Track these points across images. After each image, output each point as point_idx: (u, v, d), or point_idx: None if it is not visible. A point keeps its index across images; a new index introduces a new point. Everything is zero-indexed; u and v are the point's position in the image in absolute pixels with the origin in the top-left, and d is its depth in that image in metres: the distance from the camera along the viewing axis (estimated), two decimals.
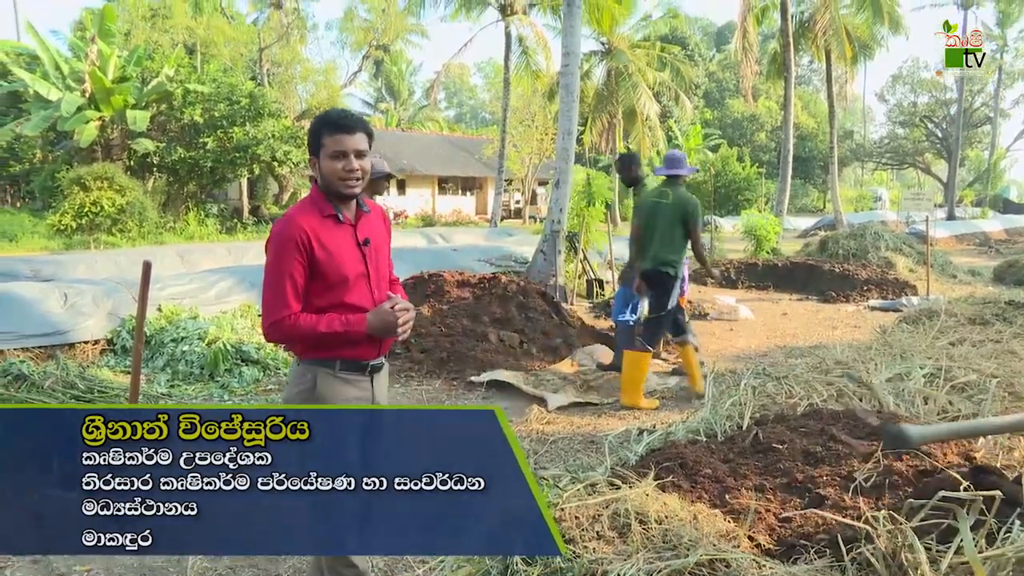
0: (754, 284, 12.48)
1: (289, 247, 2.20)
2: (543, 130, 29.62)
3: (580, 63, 11.17)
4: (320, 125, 2.29)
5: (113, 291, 7.05)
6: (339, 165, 2.25)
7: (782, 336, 8.33)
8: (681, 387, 5.91)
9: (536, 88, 26.03)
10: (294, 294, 2.21)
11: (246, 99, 20.89)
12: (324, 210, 2.30)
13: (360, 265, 2.30)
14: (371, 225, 2.39)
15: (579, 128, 17.17)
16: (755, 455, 3.16)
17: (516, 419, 5.10)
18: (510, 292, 7.88)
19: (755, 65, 22.94)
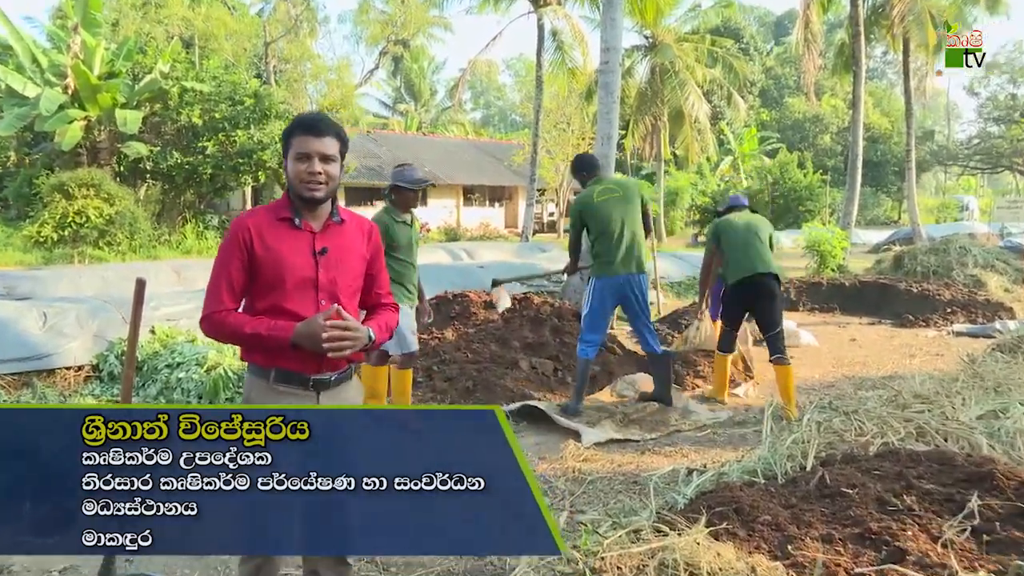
0: (817, 306, 12.34)
1: (231, 244, 2.41)
2: (580, 134, 29.73)
3: (621, 59, 11.23)
4: (291, 127, 2.47)
5: (100, 310, 7.08)
6: (302, 167, 2.41)
7: (850, 365, 8.22)
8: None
9: (572, 87, 26.18)
10: (229, 291, 2.40)
11: (250, 99, 21.10)
12: (280, 212, 2.48)
13: (308, 272, 2.43)
14: (340, 236, 2.53)
15: (620, 132, 17.22)
16: (821, 500, 3.11)
17: (550, 455, 5.09)
18: (543, 314, 7.89)
19: (819, 58, 22.70)
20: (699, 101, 26.17)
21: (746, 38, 44.50)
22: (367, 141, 34.57)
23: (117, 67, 20.77)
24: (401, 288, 5.25)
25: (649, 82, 27.09)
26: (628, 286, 5.82)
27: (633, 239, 5.79)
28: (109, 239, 17.77)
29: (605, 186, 5.91)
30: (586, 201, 5.90)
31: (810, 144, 46.77)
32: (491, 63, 60.91)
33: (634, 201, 5.88)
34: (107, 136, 20.77)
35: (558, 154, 30.36)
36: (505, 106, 72.88)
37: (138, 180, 22.06)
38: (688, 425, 5.84)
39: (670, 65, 25.82)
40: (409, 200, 5.26)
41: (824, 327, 10.73)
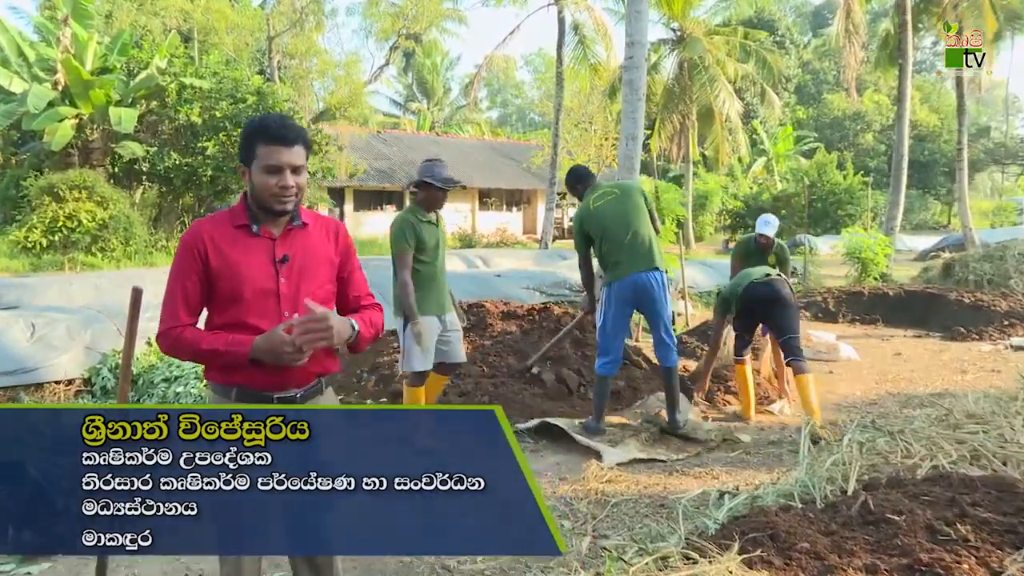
0: (858, 317, 12.25)
1: (186, 256, 2.43)
2: (603, 134, 29.71)
3: (647, 54, 11.22)
4: (254, 134, 2.43)
5: (92, 321, 7.12)
6: (273, 181, 2.40)
7: (895, 381, 8.15)
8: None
9: (595, 84, 26.20)
10: (185, 306, 2.41)
11: (253, 97, 21.16)
12: (237, 220, 2.49)
13: (268, 282, 2.44)
14: (303, 241, 2.53)
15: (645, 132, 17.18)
16: (864, 527, 3.07)
17: (571, 476, 5.08)
18: (564, 326, 7.87)
19: (861, 51, 22.52)
20: (730, 98, 26.11)
21: (781, 30, 44.36)
22: (377, 141, 34.78)
23: (111, 62, 20.76)
24: (429, 295, 5.21)
25: (677, 78, 27.08)
26: (641, 285, 5.69)
27: (639, 235, 5.71)
28: (102, 245, 17.77)
29: (600, 191, 5.89)
30: (583, 212, 5.88)
31: (850, 144, 46.49)
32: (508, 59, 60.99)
33: (633, 198, 5.81)
34: (100, 135, 20.70)
35: (580, 155, 30.30)
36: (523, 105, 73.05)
37: (133, 182, 22.10)
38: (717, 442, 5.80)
39: (699, 60, 25.81)
40: (437, 199, 5.24)
41: (866, 340, 10.64)
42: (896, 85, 20.94)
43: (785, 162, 39.41)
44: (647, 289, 5.71)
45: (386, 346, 7.48)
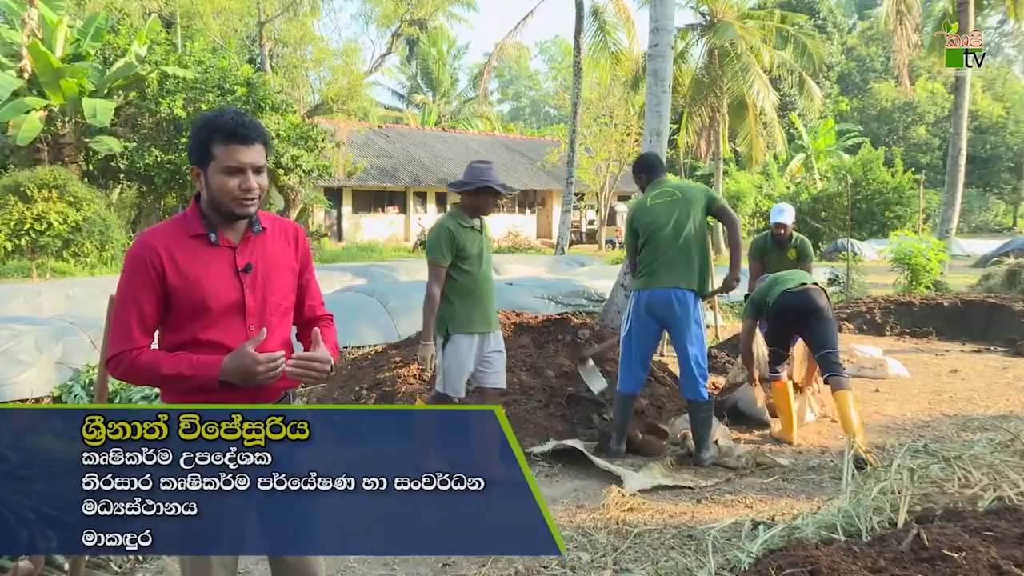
0: (908, 330, 12.15)
1: (138, 272, 2.40)
2: (624, 129, 29.82)
3: (673, 41, 11.21)
4: (209, 132, 2.43)
5: (64, 333, 7.13)
6: (233, 183, 2.41)
7: (951, 400, 8.07)
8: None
9: (616, 75, 26.28)
10: (140, 326, 2.40)
11: (242, 88, 21.35)
12: (191, 228, 2.48)
13: (232, 294, 2.45)
14: (263, 248, 2.54)
15: (671, 127, 17.16)
16: (918, 564, 3.02)
17: (589, 503, 5.05)
18: (582, 338, 7.84)
19: (914, 34, 22.35)
20: (765, 89, 26.08)
21: (823, 13, 44.40)
22: (378, 137, 34.96)
23: (84, 48, 20.70)
24: (474, 309, 5.17)
25: (706, 68, 27.06)
26: (666, 303, 5.64)
27: (687, 249, 5.65)
28: (75, 249, 17.82)
29: (662, 189, 5.85)
30: (638, 206, 5.87)
31: (900, 137, 46.42)
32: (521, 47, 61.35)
33: (695, 205, 5.72)
34: (72, 129, 20.71)
35: (599, 152, 30.45)
36: (537, 97, 73.29)
37: (110, 181, 22.22)
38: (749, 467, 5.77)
39: (731, 47, 25.79)
40: (486, 204, 5.22)
41: (917, 355, 10.56)
42: (954, 71, 20.71)
43: (826, 159, 39.37)
44: (671, 307, 5.66)
45: (387, 361, 7.47)
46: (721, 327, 11.67)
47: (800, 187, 33.79)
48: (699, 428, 5.84)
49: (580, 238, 36.11)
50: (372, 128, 35.09)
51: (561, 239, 23.77)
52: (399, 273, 14.71)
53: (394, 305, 9.91)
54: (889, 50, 27.89)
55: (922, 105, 46.29)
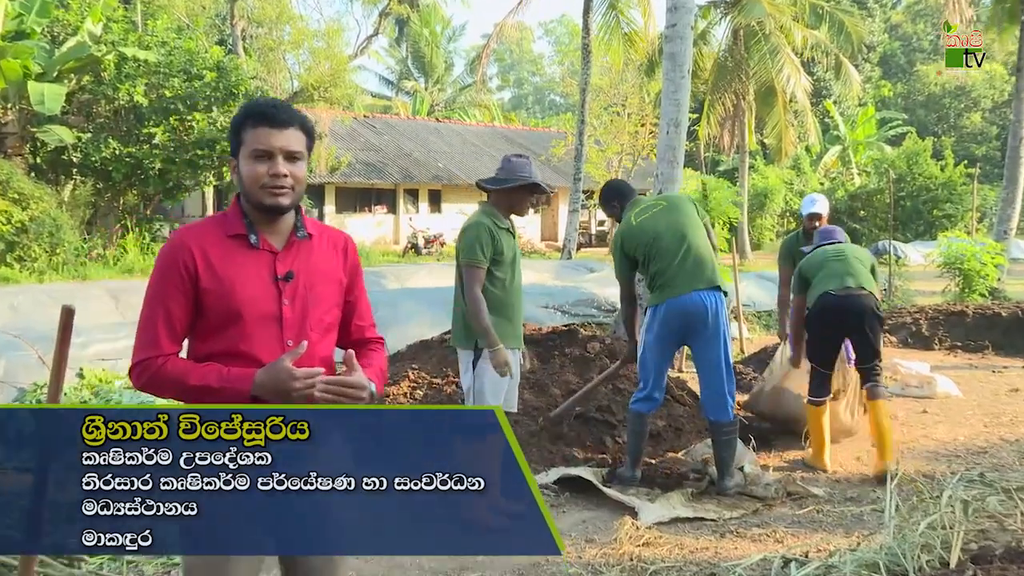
0: (960, 343, 12.12)
1: (169, 272, 2.45)
2: (638, 119, 29.82)
3: (694, 21, 11.23)
4: (242, 118, 2.51)
5: (7, 348, 7.18)
6: (261, 168, 2.45)
7: (1012, 424, 8.03)
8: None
9: (629, 58, 26.27)
10: (168, 332, 2.44)
11: (211, 73, 21.29)
12: (231, 228, 2.53)
13: (269, 304, 2.48)
14: (308, 256, 2.58)
15: (691, 116, 17.15)
16: None
17: (600, 537, 5.04)
18: (591, 352, 7.83)
19: (969, 7, 22.24)
20: (796, 73, 26.13)
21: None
22: (364, 128, 34.98)
23: (28, 25, 20.11)
24: (507, 323, 5.18)
25: (730, 50, 27.14)
26: (697, 307, 5.64)
27: (694, 249, 5.70)
28: (21, 253, 17.68)
29: (644, 205, 5.94)
30: (625, 230, 5.89)
31: (951, 126, 46.45)
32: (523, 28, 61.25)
33: (684, 208, 5.87)
34: (16, 117, 20.55)
35: (611, 145, 30.46)
36: (542, 84, 73.41)
37: (61, 176, 22.03)
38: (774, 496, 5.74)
39: (758, 27, 25.86)
40: (524, 204, 5.32)
41: (970, 372, 10.54)
42: (1016, 50, 20.55)
43: (865, 151, 39.37)
44: (703, 313, 5.64)
45: (397, 371, 7.50)
46: (747, 339, 11.63)
47: (836, 183, 33.83)
48: (722, 452, 5.81)
49: (589, 241, 36.09)
50: (357, 118, 35.10)
51: (568, 242, 23.77)
52: (388, 280, 14.69)
53: (382, 316, 9.87)
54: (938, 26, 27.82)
55: (977, 89, 46.29)
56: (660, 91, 11.05)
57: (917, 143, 33.41)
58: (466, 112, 46.78)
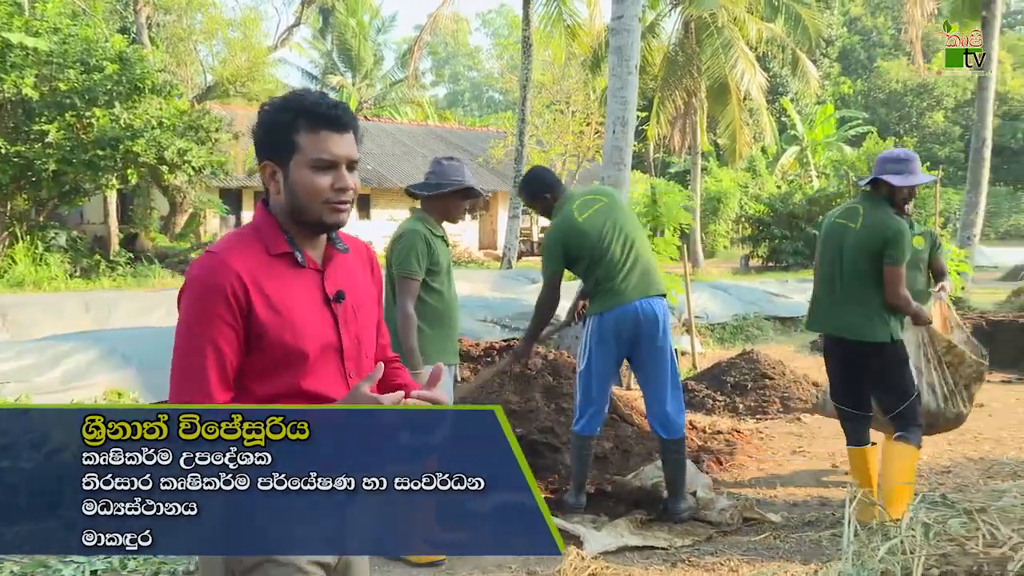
0: None
1: (213, 302, 2.26)
2: (583, 118, 29.97)
3: (641, 12, 11.31)
4: (293, 115, 2.32)
5: None
6: (325, 180, 2.30)
7: (975, 441, 8.17)
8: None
9: (572, 52, 26.43)
10: (220, 377, 2.29)
11: (113, 64, 20.84)
12: (275, 246, 2.35)
13: (329, 332, 2.37)
14: (347, 271, 2.47)
15: (640, 115, 17.25)
16: None
17: (543, 570, 5.04)
18: (533, 370, 7.85)
19: (930, 2, 22.70)
20: (751, 69, 26.44)
21: None
22: None
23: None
24: (446, 338, 5.23)
25: (681, 44, 27.40)
26: (646, 317, 5.69)
27: (640, 253, 5.78)
28: None
29: (582, 199, 5.92)
30: (567, 225, 5.85)
31: (913, 126, 47.35)
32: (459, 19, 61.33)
33: (623, 206, 5.96)
34: None
35: (553, 146, 30.58)
36: (479, 79, 73.52)
37: None
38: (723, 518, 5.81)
39: (711, 19, 26.13)
40: (458, 209, 5.33)
41: None
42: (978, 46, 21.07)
43: (824, 152, 39.98)
44: (654, 322, 5.70)
45: None
46: (700, 354, 11.73)
47: (793, 186, 34.26)
48: (673, 472, 5.84)
49: (531, 249, 36.09)
50: None
51: (508, 250, 23.81)
52: None
53: None
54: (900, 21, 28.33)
55: (939, 87, 47.24)
56: (606, 88, 11.12)
57: (878, 144, 34.02)
58: (397, 110, 46.67)
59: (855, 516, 4.07)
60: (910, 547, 3.74)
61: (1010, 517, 4.03)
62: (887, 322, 5.50)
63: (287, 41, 35.25)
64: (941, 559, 3.71)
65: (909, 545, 3.76)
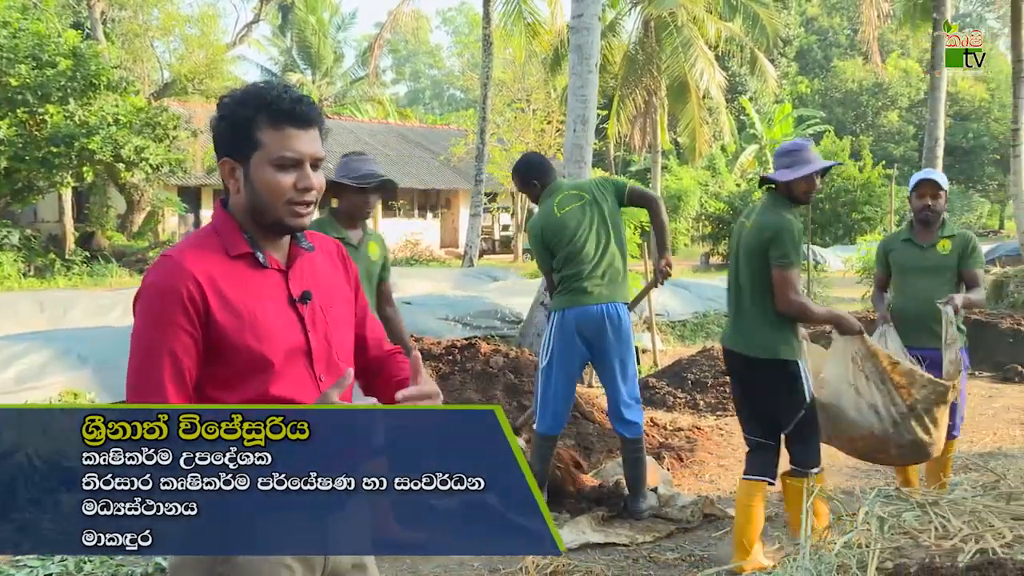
0: None
1: (170, 309, 2.17)
2: (544, 116, 30.03)
3: (601, 11, 11.34)
4: (254, 110, 2.22)
5: None
6: (287, 180, 2.23)
7: None
8: None
9: (533, 51, 26.42)
10: (177, 386, 2.23)
11: (66, 60, 20.63)
12: (234, 247, 2.26)
13: (295, 335, 2.29)
14: (314, 271, 2.39)
15: (600, 113, 17.29)
16: None
17: (505, 567, 5.01)
18: (494, 368, 7.87)
19: (885, 2, 22.92)
20: (710, 68, 26.55)
21: None
22: None
23: None
24: None
25: (641, 43, 27.44)
26: (611, 320, 5.72)
27: (609, 256, 5.78)
28: None
29: (565, 193, 5.92)
30: (545, 219, 5.88)
31: (869, 125, 47.76)
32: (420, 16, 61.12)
33: (608, 206, 5.86)
34: None
35: (515, 144, 30.57)
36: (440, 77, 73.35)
37: None
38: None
39: (670, 18, 26.19)
40: (356, 207, 5.04)
41: None
42: (929, 47, 21.25)
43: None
44: (614, 324, 5.72)
45: None
46: (661, 351, 11.78)
47: (753, 184, 34.46)
48: (634, 470, 5.87)
49: (492, 247, 36.16)
50: None
51: (470, 248, 23.77)
52: None
53: None
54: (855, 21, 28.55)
55: (894, 87, 47.73)
56: (567, 86, 11.14)
57: (835, 143, 34.32)
58: (358, 108, 46.44)
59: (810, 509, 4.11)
60: (865, 541, 3.79)
61: (960, 509, 4.09)
62: (786, 337, 4.90)
63: (246, 38, 35.09)
64: (895, 552, 3.76)
65: (864, 539, 3.81)
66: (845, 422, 5.14)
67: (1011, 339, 11.78)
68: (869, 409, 5.12)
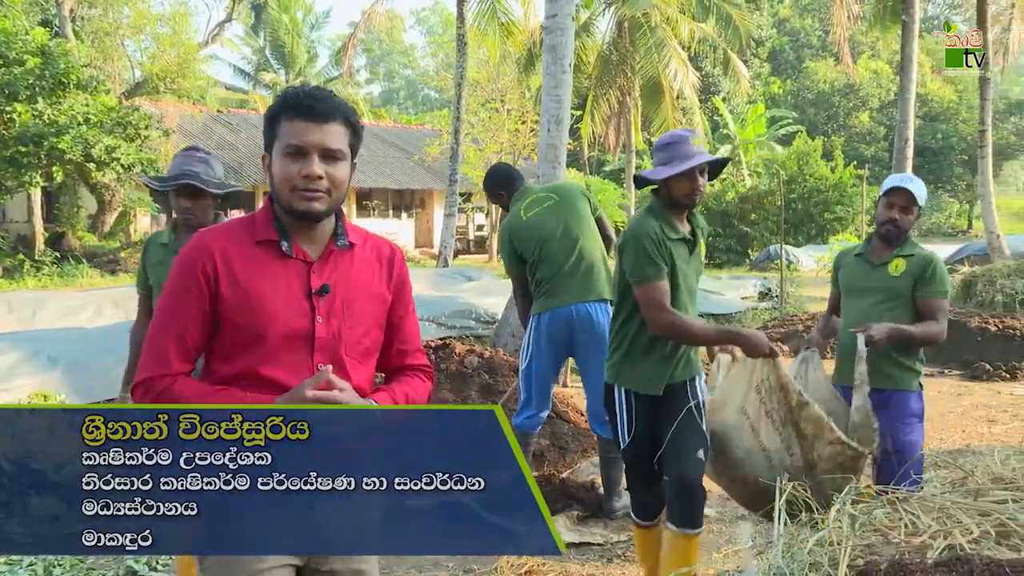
0: None
1: (186, 279, 2.36)
2: (518, 116, 30.01)
3: (575, 11, 11.36)
4: (278, 108, 2.39)
5: None
6: (293, 167, 2.33)
7: None
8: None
9: (507, 51, 26.42)
10: (178, 347, 2.38)
11: (35, 59, 20.50)
12: (260, 233, 2.41)
13: (300, 321, 2.38)
14: (347, 268, 2.47)
15: (574, 113, 17.32)
16: None
17: (480, 567, 5.04)
18: (469, 368, 7.87)
19: (855, 4, 23.00)
20: (684, 68, 26.62)
21: None
22: (218, 124, 34.34)
23: None
24: None
25: (615, 43, 27.51)
26: (582, 319, 5.71)
27: (584, 255, 5.75)
28: None
29: (533, 197, 5.94)
30: (513, 224, 5.89)
31: (841, 125, 48.00)
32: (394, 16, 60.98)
33: (576, 205, 5.87)
34: None
35: (489, 144, 30.58)
36: (414, 77, 73.22)
37: None
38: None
39: (644, 19, 26.25)
40: (173, 212, 4.54)
41: None
42: (899, 48, 21.40)
43: (755, 151, 40.43)
44: (589, 325, 5.70)
45: None
46: None
47: (726, 185, 34.59)
48: (609, 471, 5.87)
49: (467, 247, 36.15)
50: (210, 113, 34.43)
51: (444, 248, 23.71)
52: None
53: None
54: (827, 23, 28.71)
55: (865, 88, 48.02)
56: (541, 86, 11.15)
57: (807, 143, 34.45)
58: None
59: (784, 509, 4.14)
60: (837, 538, 3.82)
61: (930, 506, 4.12)
62: (679, 363, 4.22)
63: (218, 37, 34.95)
64: (866, 549, 3.79)
65: (836, 536, 3.83)
66: (728, 460, 4.38)
67: (979, 338, 11.88)
68: (760, 452, 4.28)
